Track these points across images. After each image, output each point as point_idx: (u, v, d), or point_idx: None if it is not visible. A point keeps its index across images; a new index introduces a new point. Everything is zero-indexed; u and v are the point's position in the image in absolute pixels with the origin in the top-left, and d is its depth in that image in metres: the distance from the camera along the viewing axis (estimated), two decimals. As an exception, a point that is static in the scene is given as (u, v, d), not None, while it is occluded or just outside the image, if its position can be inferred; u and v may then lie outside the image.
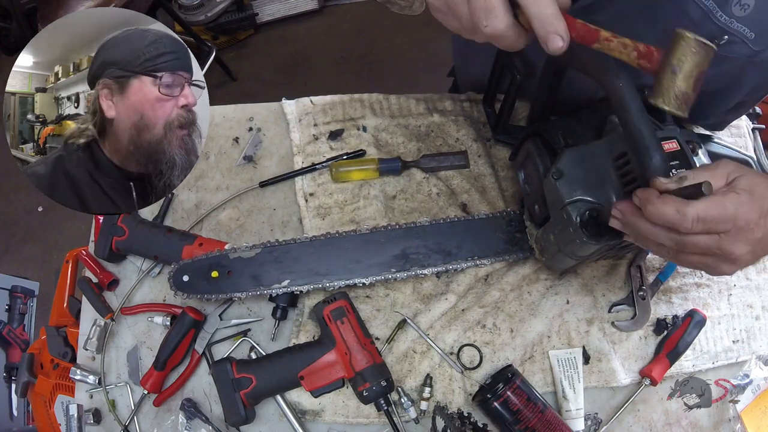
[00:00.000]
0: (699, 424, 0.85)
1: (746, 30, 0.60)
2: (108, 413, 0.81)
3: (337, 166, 0.90)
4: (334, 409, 0.79)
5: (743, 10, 0.58)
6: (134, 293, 0.86)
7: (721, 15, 0.59)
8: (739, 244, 0.53)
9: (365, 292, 0.85)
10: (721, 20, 0.59)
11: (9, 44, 2.47)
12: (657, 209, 0.53)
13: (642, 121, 0.57)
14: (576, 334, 0.84)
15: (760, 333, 0.90)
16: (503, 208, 0.90)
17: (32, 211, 2.22)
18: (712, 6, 0.59)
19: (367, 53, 2.53)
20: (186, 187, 0.91)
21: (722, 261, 0.55)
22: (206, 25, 2.39)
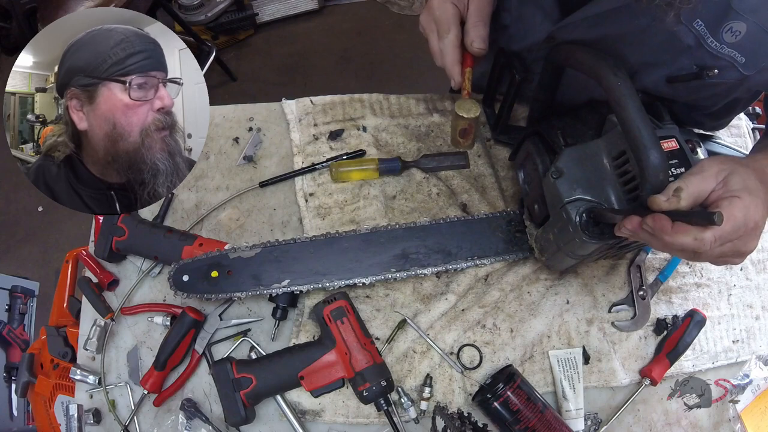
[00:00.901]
0: (699, 424, 0.85)
1: (737, 55, 0.61)
2: (108, 413, 0.81)
3: (337, 166, 0.90)
4: (334, 409, 0.79)
5: (734, 36, 0.59)
6: (134, 293, 0.86)
7: (712, 41, 0.60)
8: (751, 243, 0.58)
9: (365, 292, 0.85)
10: (712, 46, 0.60)
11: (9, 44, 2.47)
12: (675, 240, 0.55)
13: (640, 120, 0.57)
14: (576, 334, 0.84)
15: (760, 333, 0.89)
16: (503, 208, 0.90)
17: (32, 211, 2.22)
18: (704, 32, 0.60)
19: (367, 53, 2.53)
20: (186, 187, 0.91)
21: (734, 257, 0.59)
22: (206, 25, 2.39)
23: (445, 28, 0.74)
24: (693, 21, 0.59)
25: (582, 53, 0.65)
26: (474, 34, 0.74)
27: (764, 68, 0.62)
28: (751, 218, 0.55)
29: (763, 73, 0.62)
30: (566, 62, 0.71)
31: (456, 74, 0.76)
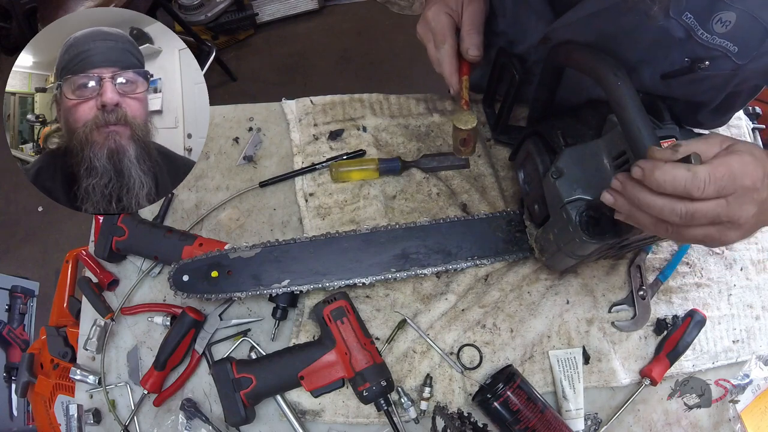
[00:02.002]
0: (699, 424, 0.85)
1: (729, 44, 0.60)
2: (108, 413, 0.81)
3: (337, 166, 0.90)
4: (334, 409, 0.79)
5: (724, 26, 0.59)
6: (134, 293, 0.86)
7: (702, 33, 0.60)
8: (747, 206, 0.52)
9: (365, 292, 0.85)
10: (703, 38, 0.60)
11: (9, 44, 2.47)
12: (667, 173, 0.49)
13: (640, 120, 0.57)
14: (576, 334, 0.84)
15: (760, 333, 0.89)
16: (503, 208, 0.90)
17: (32, 211, 2.22)
18: (694, 24, 0.59)
19: (367, 53, 2.53)
20: (186, 187, 0.91)
21: (728, 228, 0.53)
22: (206, 25, 2.39)
23: (440, 38, 0.77)
24: (682, 14, 0.59)
25: (581, 53, 0.66)
26: (468, 42, 0.76)
27: (757, 56, 0.61)
28: (749, 175, 0.50)
29: (756, 62, 0.61)
30: (566, 62, 0.71)
31: (454, 83, 0.78)
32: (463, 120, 0.75)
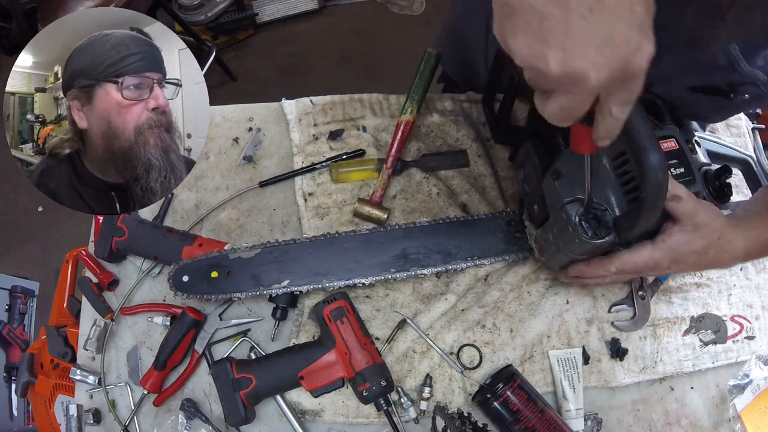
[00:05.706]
0: (699, 423, 0.85)
1: (760, 74, 0.62)
2: (108, 413, 0.81)
3: (336, 167, 0.90)
4: (334, 409, 0.79)
5: (764, 60, 0.61)
6: (134, 293, 0.86)
7: (745, 65, 0.61)
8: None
9: (365, 292, 0.85)
10: (745, 70, 0.62)
11: (9, 44, 2.48)
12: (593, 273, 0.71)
13: (640, 120, 0.57)
14: (576, 334, 0.84)
15: (760, 333, 0.90)
16: (503, 208, 0.90)
17: (32, 211, 2.23)
18: (738, 57, 0.61)
19: (367, 53, 2.54)
20: (186, 187, 0.91)
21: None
22: (206, 25, 2.40)
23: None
24: (729, 45, 0.60)
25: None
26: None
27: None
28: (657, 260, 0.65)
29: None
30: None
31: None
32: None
